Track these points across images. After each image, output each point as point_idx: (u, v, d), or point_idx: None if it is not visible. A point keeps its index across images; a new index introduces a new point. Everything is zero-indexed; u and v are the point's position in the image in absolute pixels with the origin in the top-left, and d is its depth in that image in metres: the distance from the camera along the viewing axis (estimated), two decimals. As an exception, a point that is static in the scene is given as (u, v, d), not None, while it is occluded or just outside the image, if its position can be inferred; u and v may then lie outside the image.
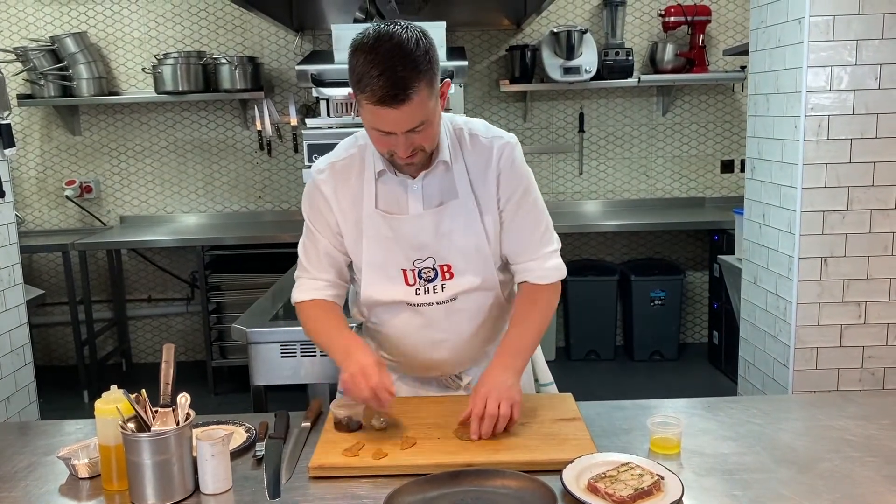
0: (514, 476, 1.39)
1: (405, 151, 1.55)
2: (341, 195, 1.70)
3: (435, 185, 1.68)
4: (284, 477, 1.46)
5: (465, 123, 1.73)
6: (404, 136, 1.53)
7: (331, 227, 1.73)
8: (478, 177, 1.69)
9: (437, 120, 1.58)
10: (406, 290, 1.72)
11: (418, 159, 1.60)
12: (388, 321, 1.79)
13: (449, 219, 1.68)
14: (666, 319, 4.93)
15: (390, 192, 1.69)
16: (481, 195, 1.69)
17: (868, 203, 2.76)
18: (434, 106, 1.53)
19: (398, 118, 1.49)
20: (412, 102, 1.47)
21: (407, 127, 1.51)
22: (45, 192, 5.14)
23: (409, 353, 1.81)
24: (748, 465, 1.48)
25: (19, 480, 1.50)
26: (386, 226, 1.69)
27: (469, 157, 1.69)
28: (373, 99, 1.47)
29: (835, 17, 2.67)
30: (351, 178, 1.70)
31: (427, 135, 1.56)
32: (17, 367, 3.03)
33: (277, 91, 5.06)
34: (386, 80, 1.44)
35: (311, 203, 1.75)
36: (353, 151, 1.72)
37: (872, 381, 2.86)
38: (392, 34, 1.47)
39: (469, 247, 1.70)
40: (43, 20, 4.95)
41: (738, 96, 5.12)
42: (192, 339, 5.26)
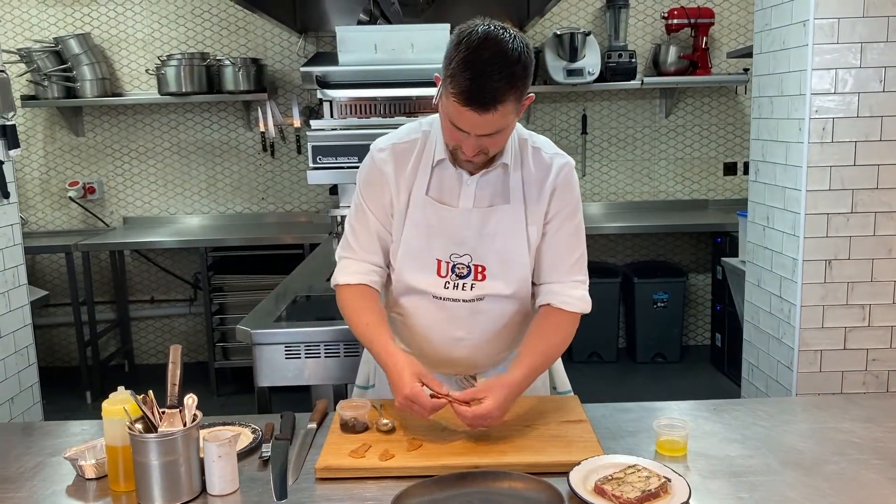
0: (520, 478, 1.39)
1: (471, 151, 1.57)
2: (399, 176, 1.71)
3: (489, 186, 1.69)
4: (291, 478, 1.46)
5: (530, 136, 1.75)
6: (475, 138, 1.54)
7: (385, 207, 1.73)
8: (532, 189, 1.70)
9: (511, 129, 1.60)
10: (436, 281, 1.71)
11: (480, 160, 1.62)
12: (412, 312, 1.78)
13: (495, 221, 1.69)
14: (668, 322, 4.93)
15: (445, 182, 1.70)
16: (531, 206, 1.70)
17: (872, 206, 2.75)
18: (515, 116, 1.55)
19: (478, 122, 1.50)
20: (497, 112, 1.48)
21: (482, 132, 1.52)
22: (49, 193, 5.14)
23: (428, 347, 1.80)
24: (754, 467, 1.48)
25: (26, 481, 1.51)
26: (433, 213, 1.69)
27: (527, 168, 1.70)
28: (461, 98, 1.48)
29: (839, 19, 2.67)
30: (409, 162, 1.71)
31: (497, 141, 1.58)
32: (21, 367, 3.03)
33: (281, 93, 5.06)
34: (479, 85, 1.45)
35: (367, 181, 1.75)
36: (415, 136, 1.73)
37: (876, 383, 2.86)
38: (499, 40, 1.47)
39: (508, 253, 1.70)
40: (47, 21, 4.96)
41: (741, 98, 5.12)
42: (194, 340, 5.26)
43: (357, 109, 3.28)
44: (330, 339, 2.43)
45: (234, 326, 2.62)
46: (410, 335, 1.83)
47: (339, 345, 2.43)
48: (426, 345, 1.80)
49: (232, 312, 4.70)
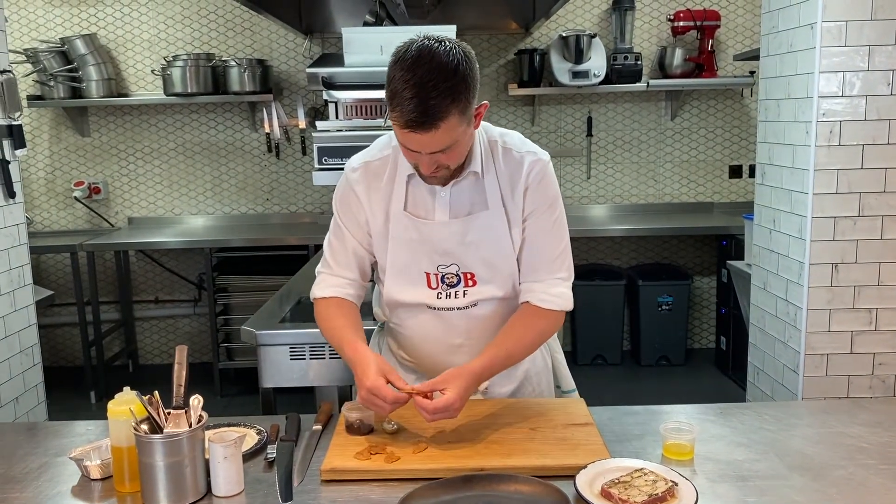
0: (526, 481, 1.38)
1: (427, 169, 1.56)
2: (373, 195, 1.71)
3: (464, 195, 1.68)
4: (296, 480, 1.46)
5: (501, 136, 1.72)
6: (428, 157, 1.53)
7: (361, 226, 1.74)
8: (508, 189, 1.69)
9: (466, 142, 1.57)
10: (428, 293, 1.72)
11: (442, 174, 1.60)
12: (408, 323, 1.79)
13: (477, 229, 1.68)
14: (673, 324, 4.92)
15: (419, 196, 1.69)
16: (511, 208, 1.69)
17: (880, 209, 2.75)
18: (465, 130, 1.52)
19: (424, 142, 1.49)
20: (439, 129, 1.46)
21: (431, 150, 1.51)
22: (54, 193, 5.15)
23: (427, 355, 1.81)
24: (762, 471, 1.48)
25: (31, 481, 1.50)
26: (413, 228, 1.69)
27: (501, 169, 1.69)
28: (400, 121, 1.47)
29: (847, 22, 2.66)
30: (383, 179, 1.71)
31: (452, 156, 1.56)
32: (25, 367, 3.03)
33: (286, 94, 5.07)
34: (416, 105, 1.43)
35: (342, 201, 1.75)
36: (387, 153, 1.72)
37: (883, 388, 2.85)
38: (433, 55, 1.45)
39: (495, 258, 1.70)
40: (53, 22, 4.97)
41: (746, 101, 5.11)
42: (198, 340, 5.26)
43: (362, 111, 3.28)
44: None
45: (238, 327, 2.62)
46: (409, 344, 1.83)
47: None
48: (425, 353, 1.81)
49: (236, 313, 4.70)
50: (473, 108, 1.52)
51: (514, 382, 1.85)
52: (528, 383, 1.87)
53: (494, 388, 1.83)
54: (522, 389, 1.86)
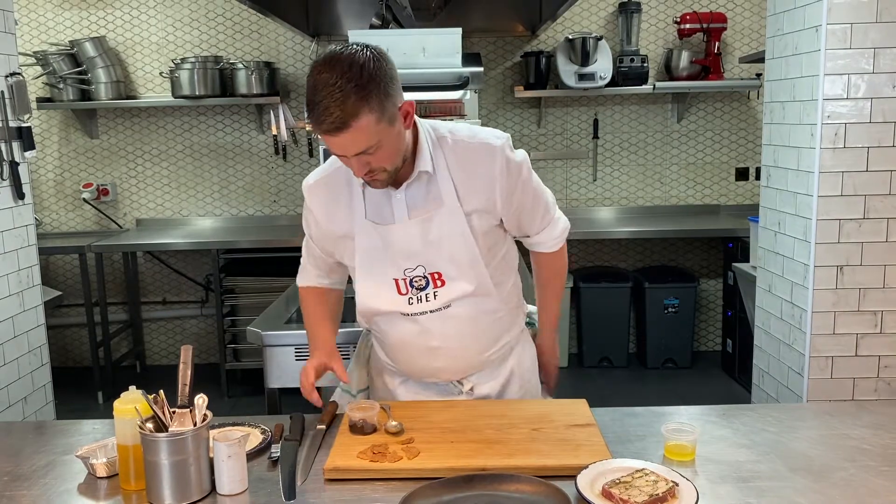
0: (528, 481, 1.39)
1: (359, 172, 1.56)
2: (332, 208, 1.74)
3: (419, 195, 1.68)
4: (300, 479, 1.47)
5: (450, 131, 1.71)
6: (356, 159, 1.53)
7: (321, 238, 1.82)
8: (463, 181, 1.67)
9: (393, 142, 1.55)
10: (398, 300, 1.73)
11: (381, 177, 1.59)
12: (385, 330, 1.81)
13: (436, 227, 1.68)
14: (679, 327, 4.91)
15: (377, 201, 1.71)
16: (466, 199, 1.67)
17: (885, 212, 2.74)
18: (386, 129, 1.51)
19: (343, 145, 1.50)
20: (353, 130, 1.45)
21: (354, 151, 1.51)
22: (63, 194, 5.19)
23: (408, 360, 1.82)
24: (763, 472, 1.48)
25: (38, 479, 1.52)
26: (376, 235, 1.70)
27: (454, 162, 1.67)
28: (316, 128, 1.48)
29: (852, 24, 2.66)
30: (341, 190, 1.73)
31: (381, 157, 1.54)
32: (34, 367, 3.06)
33: (293, 96, 5.09)
34: (324, 108, 1.44)
35: (305, 216, 1.84)
36: (339, 164, 1.71)
37: (888, 390, 2.84)
38: (340, 59, 1.45)
39: (459, 253, 1.70)
40: (62, 24, 5.01)
41: (753, 104, 5.10)
42: (205, 341, 5.29)
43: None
44: (340, 342, 2.41)
45: (245, 328, 2.63)
46: (390, 350, 1.85)
47: (348, 347, 2.44)
48: (404, 358, 1.82)
49: (243, 314, 4.72)
50: (394, 107, 1.52)
51: (500, 381, 1.86)
52: (514, 381, 1.88)
53: (480, 388, 1.84)
54: (509, 387, 1.87)
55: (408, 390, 1.88)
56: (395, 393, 1.89)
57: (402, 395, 1.87)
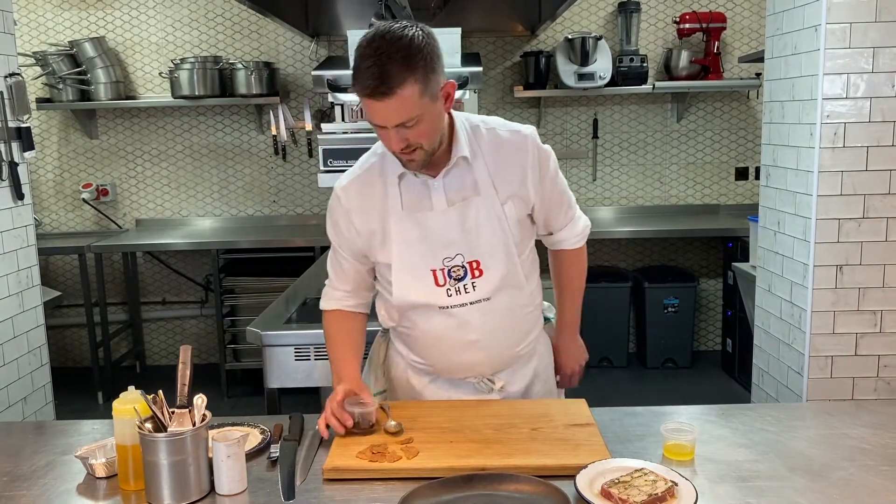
0: (527, 480, 1.39)
1: (396, 146, 1.58)
2: (367, 203, 1.74)
3: (457, 183, 1.71)
4: (299, 478, 1.47)
5: (482, 121, 1.76)
6: (395, 131, 1.55)
7: (352, 241, 1.78)
8: (498, 170, 1.72)
9: (434, 119, 1.58)
10: (437, 292, 1.73)
11: (418, 157, 1.61)
12: (420, 324, 1.79)
13: (474, 214, 1.71)
14: (679, 327, 4.91)
15: (414, 192, 1.72)
16: (501, 187, 1.72)
17: (884, 211, 2.74)
18: (429, 104, 1.54)
19: (385, 111, 1.52)
20: (397, 97, 1.49)
21: (395, 121, 1.53)
22: (63, 194, 5.19)
23: (443, 355, 1.81)
24: (762, 472, 1.48)
25: (37, 479, 1.52)
26: (414, 226, 1.71)
27: (488, 151, 1.72)
28: (361, 91, 1.51)
29: (851, 24, 2.66)
30: (375, 186, 1.74)
31: (421, 132, 1.56)
32: (33, 367, 3.06)
33: (293, 96, 5.09)
34: (373, 73, 1.48)
35: (332, 219, 1.81)
36: (372, 160, 1.77)
37: (888, 390, 2.84)
38: (390, 31, 1.51)
39: (495, 241, 1.72)
40: (62, 25, 5.01)
41: (752, 103, 5.10)
42: (205, 341, 5.29)
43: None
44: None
45: (244, 328, 2.63)
46: (422, 347, 1.83)
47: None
48: (439, 353, 1.81)
49: (243, 314, 4.72)
50: (437, 85, 1.55)
51: (526, 379, 1.87)
52: (537, 380, 1.90)
53: (511, 386, 1.84)
54: (533, 386, 1.88)
55: (437, 389, 1.86)
56: (423, 393, 1.87)
57: (430, 395, 1.86)
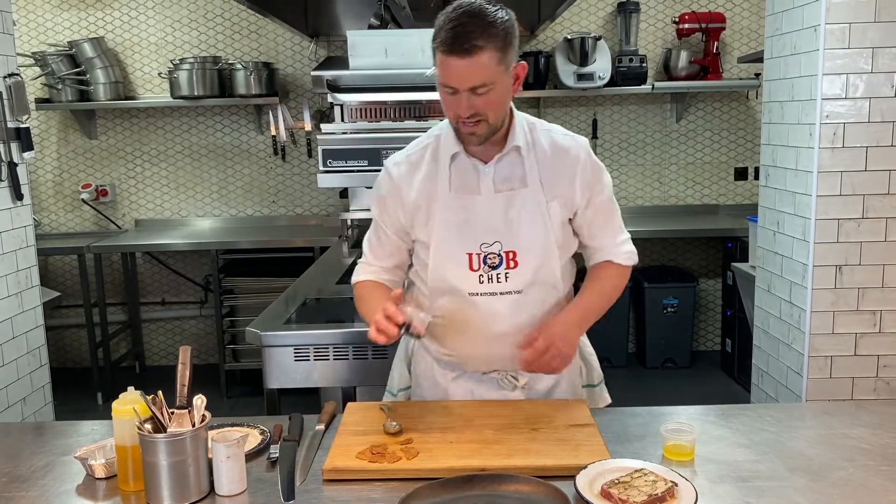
0: (527, 481, 1.39)
1: (465, 110, 1.61)
2: (416, 180, 1.77)
3: (506, 172, 1.74)
4: (298, 479, 1.47)
5: (539, 122, 1.82)
6: (466, 96, 1.59)
7: (397, 217, 1.80)
8: (548, 168, 1.75)
9: (503, 92, 1.63)
10: (469, 276, 1.74)
11: (480, 129, 1.65)
12: (449, 313, 1.79)
13: (518, 206, 1.73)
14: (678, 327, 4.91)
15: (464, 175, 1.75)
16: (548, 186, 1.74)
17: (884, 211, 2.74)
18: (503, 75, 1.60)
19: (461, 71, 1.57)
20: (476, 58, 1.55)
21: (469, 83, 1.57)
22: (62, 195, 5.18)
23: (469, 346, 1.81)
24: (762, 472, 1.48)
25: (37, 480, 1.52)
26: (459, 207, 1.73)
27: (541, 150, 1.75)
28: (442, 47, 1.57)
29: (850, 24, 2.66)
30: (427, 165, 1.78)
31: (490, 101, 1.61)
32: (33, 368, 3.06)
33: (292, 96, 5.09)
34: (456, 31, 1.55)
35: (379, 194, 1.83)
36: (427, 141, 1.81)
37: (887, 390, 2.84)
38: (478, 4, 1.59)
39: (535, 235, 1.73)
40: (61, 25, 5.01)
41: (752, 104, 5.10)
42: (204, 342, 5.29)
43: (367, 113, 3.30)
44: (339, 342, 2.44)
45: (244, 329, 2.63)
46: (449, 337, 1.82)
47: (347, 347, 2.44)
48: (465, 344, 1.81)
49: (242, 315, 4.72)
50: (511, 60, 1.62)
51: (551, 380, 1.86)
52: (563, 381, 1.88)
53: (533, 384, 1.84)
54: (557, 387, 1.87)
55: (461, 386, 1.86)
56: (448, 390, 1.86)
57: (453, 392, 1.86)
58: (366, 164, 2.97)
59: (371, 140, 2.97)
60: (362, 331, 2.46)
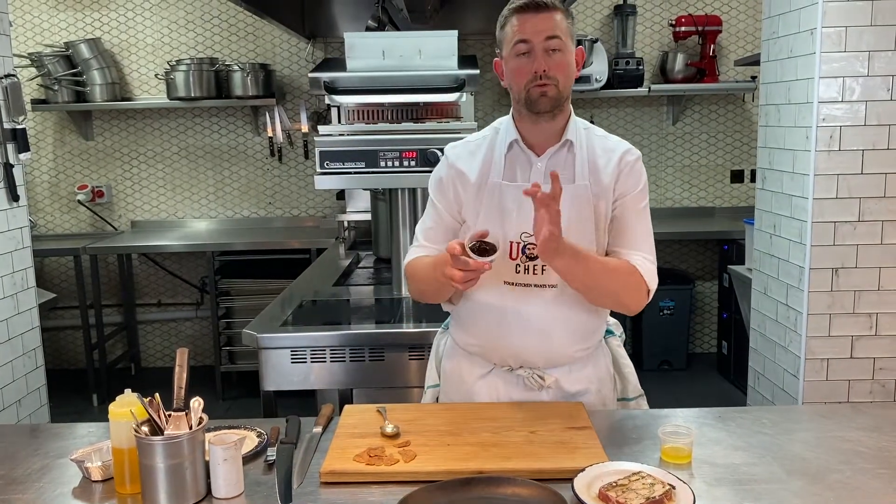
0: (524, 484, 1.39)
1: (540, 65, 1.67)
2: (472, 164, 1.82)
3: (558, 165, 1.76)
4: (296, 482, 1.47)
5: (593, 127, 1.87)
6: (542, 49, 1.67)
7: (451, 201, 1.82)
8: (597, 169, 1.77)
9: (571, 62, 1.72)
10: (507, 264, 1.75)
11: (550, 91, 1.69)
12: (483, 300, 1.79)
13: (564, 200, 1.69)
14: (675, 329, 4.92)
15: (517, 166, 1.79)
16: (597, 185, 1.76)
17: (880, 214, 2.75)
18: (570, 44, 1.71)
19: (538, 23, 1.67)
20: (550, 14, 1.67)
21: (546, 33, 1.66)
22: (58, 196, 5.17)
23: (499, 338, 1.80)
24: (759, 475, 1.48)
25: (33, 482, 1.51)
26: (507, 195, 1.75)
27: (592, 149, 1.79)
28: (516, 7, 1.69)
29: (847, 27, 2.67)
30: (483, 153, 1.82)
31: (560, 63, 1.69)
32: (28, 369, 3.05)
33: (289, 98, 5.09)
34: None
35: (437, 177, 1.87)
36: (487, 133, 1.87)
37: (883, 392, 2.85)
38: None
39: (577, 231, 1.73)
40: (58, 26, 5.00)
41: (748, 106, 5.11)
42: (200, 343, 5.28)
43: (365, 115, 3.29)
44: (336, 344, 2.43)
45: (240, 330, 2.63)
46: (481, 328, 1.82)
47: (344, 349, 2.44)
48: (496, 335, 1.80)
49: (238, 316, 4.72)
50: (573, 35, 1.73)
51: (580, 384, 1.84)
52: (591, 387, 1.87)
53: (561, 384, 1.83)
54: (586, 394, 1.85)
55: (488, 384, 1.85)
56: (473, 388, 1.86)
57: (479, 390, 1.85)
58: (363, 166, 2.96)
59: (368, 142, 2.97)
60: (359, 333, 2.48)
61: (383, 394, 2.47)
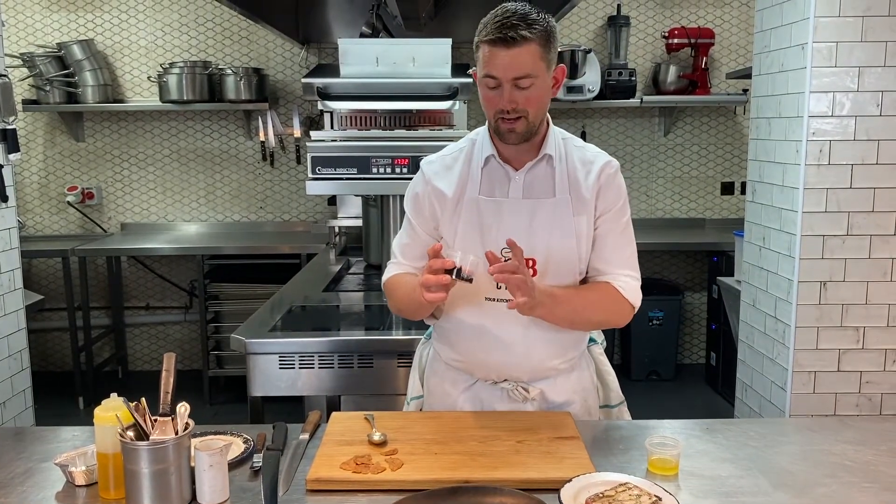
0: (511, 493, 1.38)
1: (508, 103, 1.63)
2: (447, 180, 1.79)
3: (536, 180, 1.75)
4: (281, 489, 1.46)
5: (573, 137, 1.84)
6: (509, 87, 1.61)
7: (427, 217, 1.81)
8: (576, 183, 1.75)
9: (544, 89, 1.66)
10: (488, 280, 1.70)
11: (520, 126, 1.66)
12: (464, 317, 1.79)
13: (543, 214, 1.73)
14: (664, 340, 4.93)
15: (494, 180, 1.77)
16: (577, 200, 1.75)
17: (868, 229, 2.77)
18: (544, 71, 1.63)
19: (506, 61, 1.59)
20: (521, 48, 1.58)
21: (514, 73, 1.60)
22: (47, 197, 5.14)
23: (481, 353, 1.80)
24: (745, 488, 1.48)
25: (15, 486, 1.50)
26: (485, 210, 1.74)
27: (571, 163, 1.77)
28: (487, 38, 1.61)
29: (837, 43, 2.69)
30: (460, 166, 1.79)
31: (530, 97, 1.63)
32: (14, 371, 3.02)
33: (282, 103, 5.08)
34: (501, 24, 1.59)
35: (413, 192, 1.85)
36: (463, 145, 1.84)
37: (870, 406, 2.86)
38: (523, 6, 1.64)
39: (557, 246, 1.73)
40: (50, 27, 4.98)
41: (739, 119, 5.14)
42: (188, 347, 5.25)
43: (357, 121, 3.29)
44: (324, 350, 2.43)
45: (228, 335, 2.62)
46: (464, 343, 1.83)
47: (333, 356, 2.43)
48: (479, 351, 1.80)
49: (227, 321, 4.70)
50: (552, 59, 1.65)
51: (564, 395, 1.84)
52: (576, 397, 1.87)
53: (546, 395, 1.83)
54: (571, 404, 1.85)
55: (472, 397, 1.85)
56: (458, 401, 1.86)
57: (463, 402, 1.85)
58: (355, 172, 2.96)
59: (360, 148, 2.97)
60: (348, 339, 2.47)
61: (371, 401, 2.46)
